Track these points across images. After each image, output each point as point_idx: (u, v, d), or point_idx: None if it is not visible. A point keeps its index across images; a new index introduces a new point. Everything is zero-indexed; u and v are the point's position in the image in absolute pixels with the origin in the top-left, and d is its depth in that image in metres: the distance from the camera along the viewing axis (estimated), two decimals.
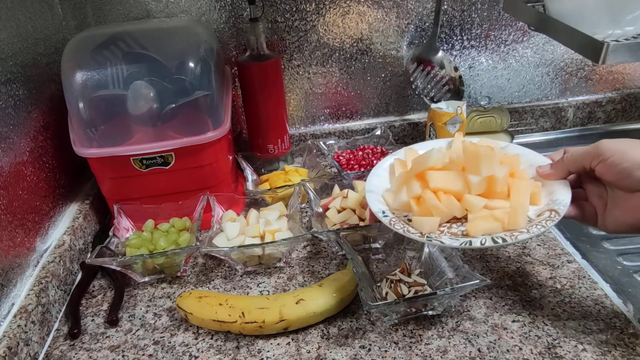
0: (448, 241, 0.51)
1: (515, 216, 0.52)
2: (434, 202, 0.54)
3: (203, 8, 0.88)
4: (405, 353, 0.57)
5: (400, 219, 0.56)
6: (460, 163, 0.56)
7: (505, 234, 0.51)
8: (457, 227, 0.54)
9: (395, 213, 0.57)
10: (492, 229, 0.52)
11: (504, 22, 0.96)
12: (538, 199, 0.55)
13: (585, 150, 0.52)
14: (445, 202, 0.54)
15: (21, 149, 0.68)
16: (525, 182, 0.55)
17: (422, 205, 0.55)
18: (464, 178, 0.55)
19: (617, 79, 1.05)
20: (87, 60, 0.71)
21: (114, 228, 0.73)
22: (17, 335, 0.56)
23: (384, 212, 0.57)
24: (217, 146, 0.76)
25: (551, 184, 0.56)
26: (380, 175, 0.64)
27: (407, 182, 0.58)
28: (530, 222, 0.52)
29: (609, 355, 0.55)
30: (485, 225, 0.52)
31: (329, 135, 1.02)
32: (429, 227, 0.53)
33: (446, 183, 0.55)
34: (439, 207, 0.54)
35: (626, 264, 0.75)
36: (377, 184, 0.62)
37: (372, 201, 0.59)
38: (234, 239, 0.70)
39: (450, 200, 0.54)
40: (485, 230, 0.52)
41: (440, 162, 0.57)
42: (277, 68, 0.86)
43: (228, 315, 0.60)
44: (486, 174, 0.53)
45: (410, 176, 0.58)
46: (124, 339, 0.62)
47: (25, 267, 0.65)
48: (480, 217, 0.53)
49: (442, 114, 0.76)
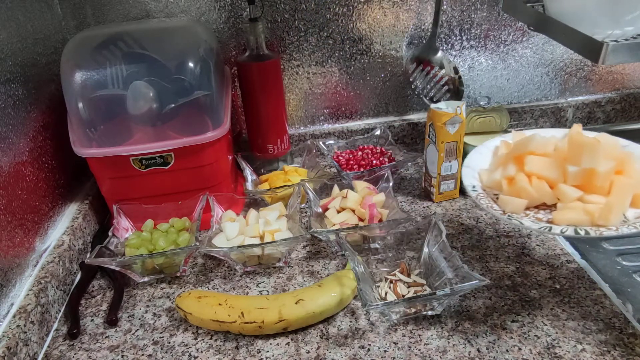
0: (528, 222, 0.51)
1: (609, 212, 0.49)
2: (524, 185, 0.53)
3: (203, 8, 0.88)
4: (404, 353, 0.57)
5: (489, 196, 0.56)
6: (564, 153, 0.54)
7: (590, 227, 0.49)
8: (545, 214, 0.53)
9: (486, 190, 0.57)
10: (580, 221, 0.50)
11: (503, 22, 0.96)
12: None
13: None
14: (536, 186, 0.53)
15: (20, 149, 0.68)
16: (630, 181, 0.52)
17: (513, 186, 0.54)
18: (562, 167, 0.53)
19: (616, 79, 1.05)
20: (87, 60, 0.71)
21: (114, 228, 0.73)
22: (16, 335, 0.56)
23: (474, 187, 0.57)
24: (216, 146, 0.76)
25: None
26: (482, 154, 0.63)
27: (504, 163, 0.58)
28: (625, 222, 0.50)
29: (608, 355, 0.55)
30: (573, 215, 0.50)
31: (328, 135, 1.02)
32: (514, 207, 0.52)
33: (542, 168, 0.54)
34: (528, 190, 0.53)
35: (625, 264, 0.75)
36: (477, 161, 0.62)
37: (466, 175, 0.59)
38: (233, 239, 0.70)
39: (542, 186, 0.53)
40: (571, 221, 0.50)
41: (543, 148, 0.56)
42: (277, 68, 0.86)
43: (227, 316, 0.60)
44: (586, 166, 0.51)
45: (509, 157, 0.57)
46: (124, 339, 0.62)
47: (24, 267, 0.65)
48: (571, 207, 0.51)
49: (441, 114, 0.76)
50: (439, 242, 0.64)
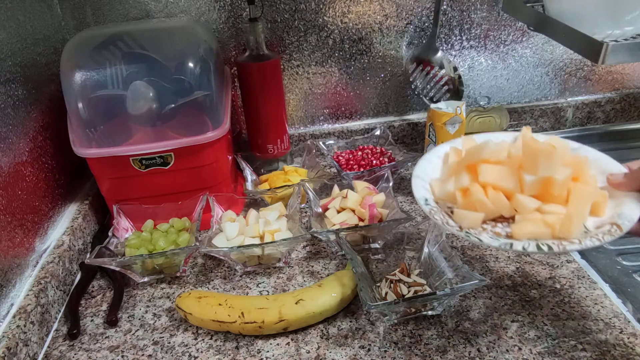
0: (487, 240, 0.48)
1: (569, 224, 0.47)
2: (479, 197, 0.50)
3: (202, 8, 0.88)
4: (404, 353, 0.57)
5: (443, 209, 0.53)
6: (519, 160, 0.52)
7: (553, 241, 0.47)
8: (503, 227, 0.50)
9: (439, 203, 0.54)
10: (540, 234, 0.48)
11: (503, 22, 0.96)
12: (601, 209, 0.49)
13: None
14: (492, 198, 0.50)
15: (20, 149, 0.68)
16: (588, 189, 0.49)
17: (468, 199, 0.51)
18: (518, 176, 0.51)
19: (616, 79, 1.05)
20: (87, 60, 0.71)
21: (113, 228, 0.73)
22: (16, 335, 0.56)
23: (427, 200, 0.53)
24: (216, 146, 0.76)
25: (620, 195, 0.50)
26: (432, 162, 0.60)
27: (456, 172, 0.55)
28: (586, 234, 0.47)
29: (608, 355, 0.55)
30: (533, 229, 0.48)
31: (328, 135, 1.02)
32: (470, 222, 0.50)
33: (497, 178, 0.51)
34: (484, 203, 0.50)
35: (625, 263, 0.75)
36: (427, 170, 0.58)
37: (417, 187, 0.55)
38: (233, 239, 0.70)
39: (499, 197, 0.50)
40: (531, 235, 0.48)
41: (496, 155, 0.53)
42: (277, 68, 0.86)
43: (227, 316, 0.60)
44: (543, 174, 0.49)
45: (461, 166, 0.54)
46: (123, 340, 0.62)
47: (24, 268, 0.65)
48: (529, 219, 0.48)
49: (441, 114, 0.76)
50: (439, 242, 0.64)
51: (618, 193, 0.50)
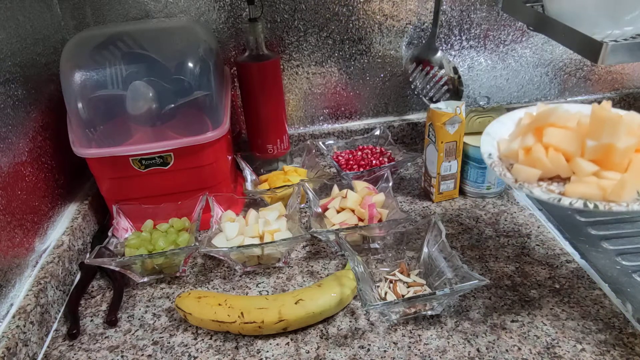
0: (538, 192, 0.50)
1: (621, 188, 0.48)
2: (539, 155, 0.52)
3: (202, 8, 0.88)
4: (404, 353, 0.57)
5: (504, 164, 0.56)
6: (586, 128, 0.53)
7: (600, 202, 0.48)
8: (558, 186, 0.52)
9: (502, 159, 0.57)
10: (591, 195, 0.49)
11: (502, 22, 0.96)
12: None
13: None
14: (552, 157, 0.52)
15: (20, 150, 0.68)
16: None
17: (529, 157, 0.53)
18: (581, 142, 0.52)
19: (615, 79, 1.05)
20: (86, 60, 0.71)
21: (113, 228, 0.73)
22: (15, 335, 0.56)
23: (491, 154, 0.57)
24: (216, 146, 0.76)
25: None
26: (504, 123, 0.62)
27: (523, 133, 0.57)
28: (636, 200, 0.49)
29: (608, 355, 0.55)
30: (586, 189, 0.49)
31: (328, 135, 1.02)
32: (526, 176, 0.52)
33: (560, 141, 0.53)
34: (542, 161, 0.52)
35: (625, 263, 0.75)
36: (498, 130, 0.61)
37: (484, 142, 0.59)
38: (233, 239, 0.70)
39: (558, 158, 0.52)
40: (583, 195, 0.49)
41: (565, 121, 0.54)
42: (276, 68, 0.86)
43: (227, 316, 0.60)
44: (605, 141, 0.49)
45: (529, 128, 0.56)
46: (123, 340, 0.62)
47: (24, 268, 0.65)
48: (584, 181, 0.50)
49: (441, 114, 0.76)
50: (439, 242, 0.64)
51: None
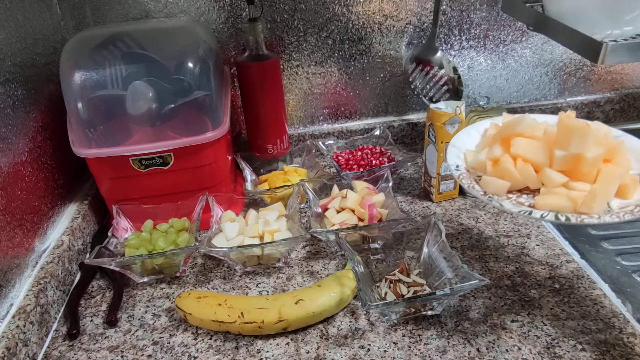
0: (508, 205, 0.49)
1: (592, 200, 0.47)
2: (507, 166, 0.51)
3: (202, 8, 0.88)
4: (404, 353, 0.57)
5: (472, 175, 0.55)
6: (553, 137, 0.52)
7: (572, 214, 0.47)
8: (527, 198, 0.51)
9: (470, 171, 0.56)
10: (562, 207, 0.48)
11: (502, 22, 0.96)
12: (629, 192, 0.49)
13: None
14: (520, 169, 0.51)
15: (20, 149, 0.68)
16: (618, 170, 0.49)
17: (497, 168, 0.52)
18: (550, 152, 0.51)
19: (615, 79, 1.05)
20: (86, 60, 0.71)
21: (113, 228, 0.73)
22: (15, 335, 0.56)
23: (458, 166, 0.56)
24: (216, 146, 0.76)
25: None
26: (470, 134, 0.62)
27: (490, 144, 0.56)
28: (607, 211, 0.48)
29: (608, 355, 0.55)
30: (556, 201, 0.48)
31: (327, 135, 1.02)
32: (495, 188, 0.51)
33: (528, 151, 0.52)
34: (511, 172, 0.51)
35: (625, 263, 0.75)
36: (464, 141, 0.61)
37: (450, 154, 0.58)
38: (233, 239, 0.70)
39: (526, 169, 0.51)
40: (553, 207, 0.48)
41: (532, 130, 0.53)
42: (276, 68, 0.86)
43: (227, 316, 0.60)
44: (574, 151, 0.49)
45: (495, 139, 0.56)
46: (123, 340, 0.62)
47: (24, 268, 0.65)
48: (554, 192, 0.49)
49: (441, 114, 0.76)
50: (439, 242, 0.64)
51: None
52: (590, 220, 0.46)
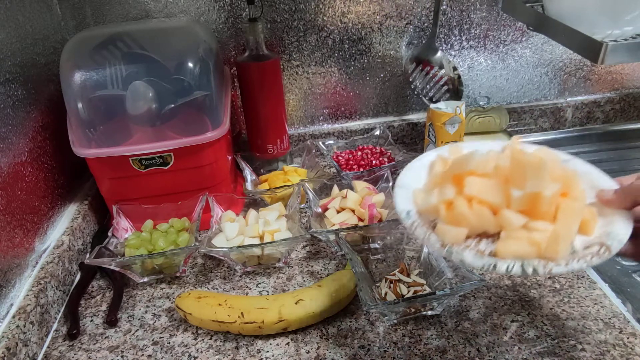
0: (470, 259, 0.45)
1: (556, 243, 0.44)
2: (463, 211, 0.47)
3: (202, 8, 0.88)
4: (404, 353, 0.57)
5: (426, 222, 0.50)
6: (506, 172, 0.49)
7: (538, 261, 0.44)
8: (487, 244, 0.47)
9: (422, 216, 0.51)
10: (525, 253, 0.45)
11: (502, 22, 0.96)
12: (590, 228, 0.47)
13: None
14: (477, 212, 0.47)
15: (20, 149, 0.68)
16: (576, 206, 0.46)
17: (451, 213, 0.48)
18: (505, 190, 0.47)
19: (615, 79, 1.05)
20: (86, 60, 0.71)
21: (113, 228, 0.73)
22: (15, 335, 0.56)
23: (409, 212, 0.50)
24: (216, 146, 0.76)
25: (610, 213, 0.47)
26: (416, 170, 0.57)
27: (441, 183, 0.52)
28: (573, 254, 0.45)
29: (608, 355, 0.55)
30: (518, 247, 0.45)
31: (328, 135, 1.02)
32: (453, 237, 0.47)
33: (483, 192, 0.47)
34: (468, 217, 0.47)
35: (625, 263, 0.75)
36: (411, 179, 0.55)
37: (399, 198, 0.52)
38: (233, 239, 0.70)
39: (483, 212, 0.47)
40: (516, 254, 0.45)
41: (483, 167, 0.50)
42: (276, 68, 0.86)
43: (227, 316, 0.60)
44: (531, 190, 0.45)
45: (446, 177, 0.51)
46: (123, 340, 0.62)
47: (24, 268, 0.65)
48: (514, 237, 0.46)
49: (441, 114, 0.76)
50: None
51: (608, 210, 0.48)
52: (558, 269, 0.43)
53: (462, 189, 0.49)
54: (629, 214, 0.46)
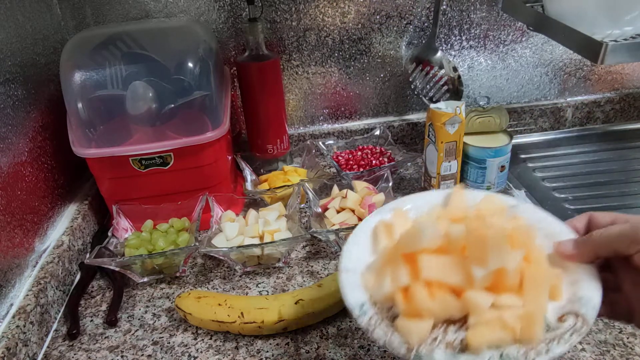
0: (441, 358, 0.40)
1: (531, 325, 0.40)
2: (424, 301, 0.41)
3: (202, 8, 0.88)
4: None
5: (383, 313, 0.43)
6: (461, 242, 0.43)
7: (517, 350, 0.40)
8: (455, 332, 0.42)
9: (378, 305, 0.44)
10: (500, 340, 0.41)
11: (502, 22, 0.96)
12: (558, 292, 0.43)
13: (621, 231, 0.39)
14: (440, 300, 0.42)
15: (20, 149, 0.68)
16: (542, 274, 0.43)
17: (411, 304, 0.42)
18: (465, 267, 0.42)
19: (615, 79, 1.05)
20: (86, 60, 0.71)
21: (113, 228, 0.73)
22: (15, 335, 0.56)
23: (362, 305, 0.44)
24: (216, 146, 0.76)
25: (574, 269, 0.44)
26: (360, 244, 0.49)
27: (392, 263, 0.45)
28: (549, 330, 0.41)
29: (608, 355, 0.55)
30: (492, 335, 0.40)
31: (328, 135, 1.02)
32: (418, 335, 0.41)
33: (443, 273, 0.42)
34: (431, 308, 0.41)
35: None
36: (357, 256, 0.48)
37: (347, 288, 0.45)
38: (233, 239, 0.70)
39: (447, 299, 0.42)
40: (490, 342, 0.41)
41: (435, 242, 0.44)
42: (276, 68, 0.86)
43: (227, 316, 0.60)
44: (494, 267, 0.41)
45: (396, 255, 0.45)
46: (123, 340, 0.62)
47: (24, 268, 0.65)
48: (485, 322, 0.41)
49: (441, 114, 0.76)
50: None
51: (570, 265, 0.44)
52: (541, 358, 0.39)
53: (416, 271, 0.43)
54: (594, 268, 0.42)
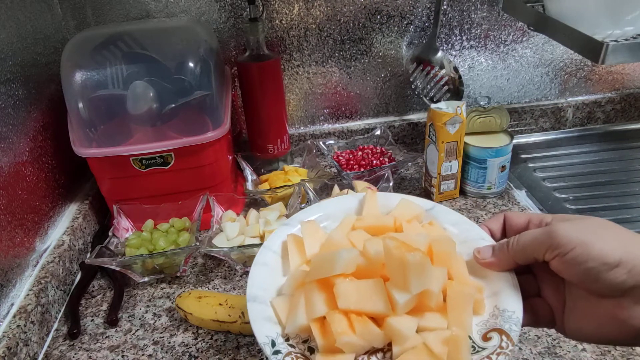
0: None
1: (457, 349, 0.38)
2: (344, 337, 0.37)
3: (203, 8, 0.88)
4: None
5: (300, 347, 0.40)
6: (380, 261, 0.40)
7: None
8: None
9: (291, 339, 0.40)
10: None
11: (503, 22, 0.96)
12: (481, 306, 0.41)
13: (535, 238, 0.38)
14: (360, 332, 0.38)
15: (21, 149, 0.68)
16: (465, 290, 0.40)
17: (329, 337, 0.38)
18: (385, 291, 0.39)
19: (616, 79, 1.05)
20: (87, 60, 0.71)
21: (114, 228, 0.73)
22: (16, 335, 0.56)
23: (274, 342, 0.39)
24: (216, 146, 0.76)
25: (494, 277, 0.42)
26: (268, 265, 0.44)
27: (306, 290, 0.41)
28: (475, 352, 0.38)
29: (609, 355, 0.55)
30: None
31: (328, 135, 1.02)
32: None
33: (362, 301, 0.38)
34: (351, 342, 0.38)
35: None
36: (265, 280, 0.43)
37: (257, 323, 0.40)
38: (233, 239, 0.70)
39: (368, 329, 0.38)
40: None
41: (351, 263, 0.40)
42: (277, 68, 0.86)
43: (228, 316, 0.60)
44: (417, 291, 0.38)
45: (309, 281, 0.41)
46: (124, 339, 0.62)
47: (24, 267, 0.65)
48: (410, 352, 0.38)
49: (441, 114, 0.76)
50: None
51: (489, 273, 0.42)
52: None
53: (332, 299, 0.39)
54: (513, 277, 0.41)
